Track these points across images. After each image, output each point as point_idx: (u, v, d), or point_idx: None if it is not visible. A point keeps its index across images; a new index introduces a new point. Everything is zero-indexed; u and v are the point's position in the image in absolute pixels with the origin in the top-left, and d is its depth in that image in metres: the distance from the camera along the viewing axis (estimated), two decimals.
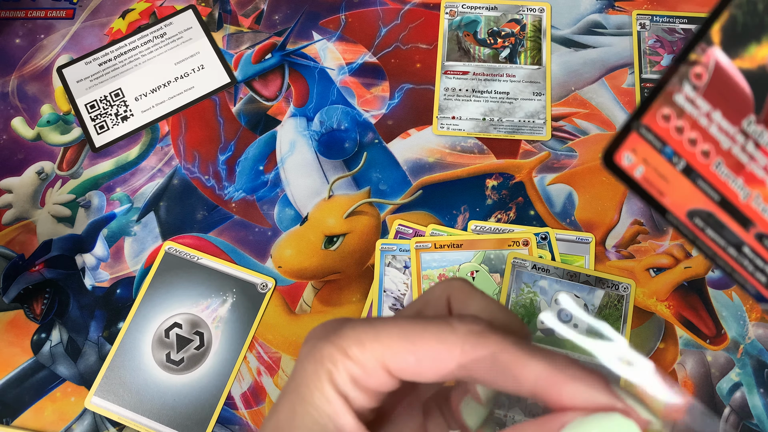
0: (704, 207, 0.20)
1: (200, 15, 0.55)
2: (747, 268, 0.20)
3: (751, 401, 0.43)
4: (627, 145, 0.19)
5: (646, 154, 0.19)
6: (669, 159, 0.19)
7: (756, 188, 0.20)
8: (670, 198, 0.20)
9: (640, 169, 0.19)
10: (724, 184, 0.19)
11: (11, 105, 0.53)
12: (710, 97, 0.19)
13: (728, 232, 0.20)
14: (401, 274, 0.46)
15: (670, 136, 0.19)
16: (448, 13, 0.54)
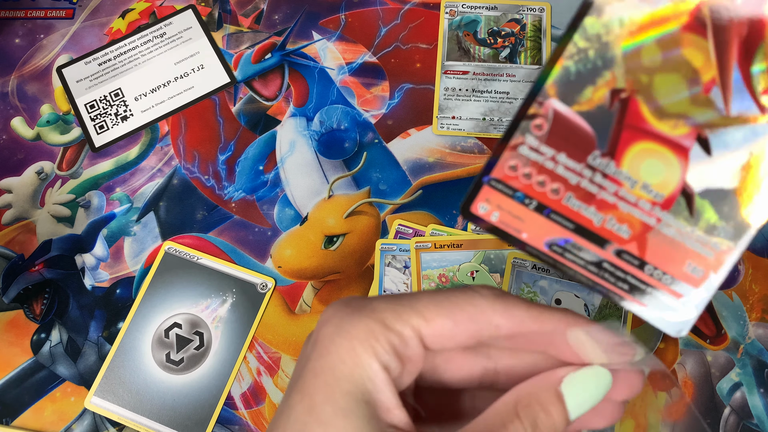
0: (561, 236, 0.22)
1: (200, 15, 0.55)
2: (609, 280, 0.22)
3: (751, 401, 0.43)
4: (480, 197, 0.22)
5: (499, 201, 0.22)
6: (521, 201, 0.22)
7: (609, 212, 0.21)
8: (528, 233, 0.22)
9: (496, 214, 0.22)
10: (577, 214, 0.21)
11: (11, 105, 0.53)
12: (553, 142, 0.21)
13: (587, 253, 0.22)
14: (401, 274, 0.46)
15: (519, 182, 0.22)
16: (448, 13, 0.54)
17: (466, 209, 0.22)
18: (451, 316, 0.21)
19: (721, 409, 0.43)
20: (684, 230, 0.21)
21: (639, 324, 0.45)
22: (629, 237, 0.22)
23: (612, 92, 0.21)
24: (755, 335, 0.45)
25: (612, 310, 0.44)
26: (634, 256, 0.22)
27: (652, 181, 0.21)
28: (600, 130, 0.21)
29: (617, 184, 0.21)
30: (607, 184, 0.21)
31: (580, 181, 0.21)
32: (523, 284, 0.44)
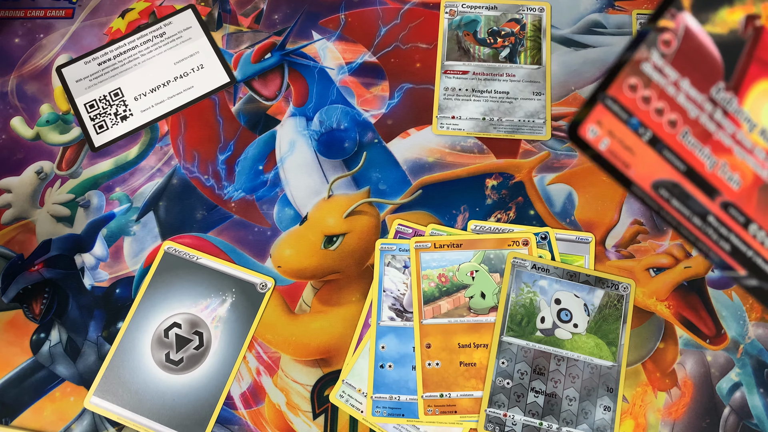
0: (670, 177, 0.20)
1: (200, 14, 0.55)
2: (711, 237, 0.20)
3: (750, 401, 0.43)
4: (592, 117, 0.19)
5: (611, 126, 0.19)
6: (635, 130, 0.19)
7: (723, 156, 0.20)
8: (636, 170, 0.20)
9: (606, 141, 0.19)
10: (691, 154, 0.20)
11: (10, 104, 0.53)
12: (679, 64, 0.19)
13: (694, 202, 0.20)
14: (401, 273, 0.46)
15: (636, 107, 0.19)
16: (448, 13, 0.54)
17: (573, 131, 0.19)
18: None
19: (721, 408, 0.43)
20: None
21: (639, 324, 0.45)
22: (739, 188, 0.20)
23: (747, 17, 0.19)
24: (755, 335, 0.45)
25: (612, 309, 0.44)
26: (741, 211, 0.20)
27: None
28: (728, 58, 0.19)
29: (736, 125, 0.20)
30: (726, 124, 0.20)
31: (700, 116, 0.20)
32: (522, 284, 0.44)
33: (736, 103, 0.20)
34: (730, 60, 0.19)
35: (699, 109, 0.20)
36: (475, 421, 0.42)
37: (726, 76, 0.19)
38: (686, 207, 0.20)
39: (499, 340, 0.43)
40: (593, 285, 0.44)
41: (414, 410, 0.43)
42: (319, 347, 0.45)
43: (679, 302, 0.45)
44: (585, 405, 0.42)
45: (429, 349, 0.43)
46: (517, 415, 0.42)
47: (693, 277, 0.46)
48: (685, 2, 0.19)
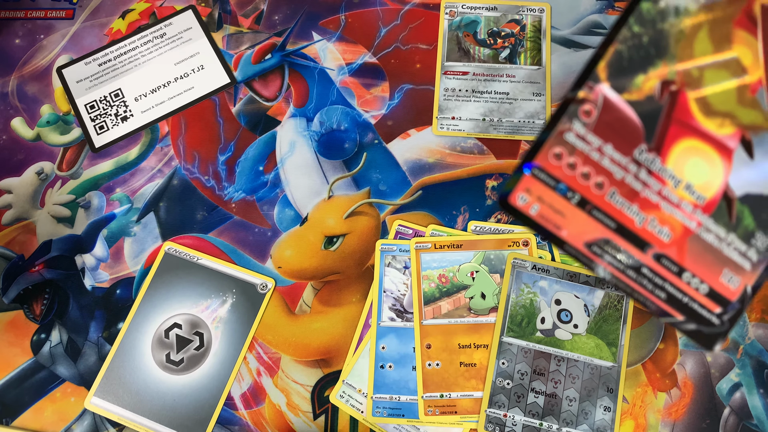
0: (601, 236, 0.21)
1: (200, 15, 0.55)
2: (647, 287, 0.21)
3: (750, 402, 0.43)
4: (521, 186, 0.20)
5: (540, 192, 0.20)
6: (563, 195, 0.21)
7: (651, 212, 0.21)
8: (568, 230, 0.21)
9: (536, 207, 0.21)
10: (620, 212, 0.21)
11: (11, 105, 0.53)
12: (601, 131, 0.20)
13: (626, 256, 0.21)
14: (401, 274, 0.46)
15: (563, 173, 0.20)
16: (448, 14, 0.54)
17: (504, 200, 0.21)
18: None
19: (721, 409, 0.43)
20: (723, 236, 0.21)
21: (639, 324, 0.45)
22: (669, 241, 0.21)
23: (663, 83, 0.20)
24: (755, 336, 0.45)
25: (612, 310, 0.44)
26: (673, 261, 0.21)
27: (695, 182, 0.21)
28: (648, 122, 0.20)
29: (661, 183, 0.21)
30: (652, 182, 0.21)
31: (625, 177, 0.21)
32: (523, 285, 0.44)
33: (659, 162, 0.21)
34: (650, 123, 0.20)
35: (624, 171, 0.21)
36: (475, 422, 0.42)
37: (647, 139, 0.20)
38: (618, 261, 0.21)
39: (500, 340, 0.43)
40: (593, 286, 0.44)
41: (414, 410, 0.43)
42: (319, 348, 0.45)
43: None
44: (585, 405, 0.42)
45: (429, 349, 0.43)
46: (517, 415, 0.42)
47: None
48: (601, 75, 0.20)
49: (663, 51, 0.20)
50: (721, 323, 0.21)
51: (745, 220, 0.21)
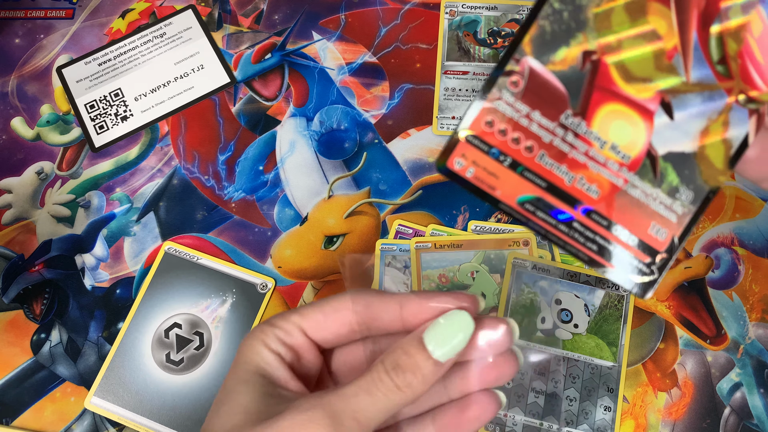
0: (533, 194, 0.22)
1: (200, 15, 0.55)
2: (578, 240, 0.23)
3: (751, 401, 0.43)
4: (456, 152, 0.22)
5: (474, 156, 0.22)
6: (496, 158, 0.22)
7: (579, 172, 0.22)
8: (502, 190, 0.22)
9: (471, 170, 0.22)
10: (549, 172, 0.22)
11: (11, 105, 0.53)
12: (528, 99, 0.22)
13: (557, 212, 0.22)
14: (401, 274, 0.46)
15: (495, 138, 0.22)
16: (448, 13, 0.54)
17: (441, 164, 0.22)
18: (321, 310, 0.27)
19: (721, 409, 0.43)
20: (649, 192, 0.23)
21: (639, 324, 0.45)
22: (598, 197, 0.22)
23: (584, 53, 0.22)
24: (755, 335, 0.45)
25: (612, 310, 0.44)
26: (602, 216, 0.23)
27: (620, 142, 0.22)
28: (572, 89, 0.22)
29: (588, 144, 0.22)
30: (578, 144, 0.22)
31: (553, 140, 0.22)
32: (523, 284, 0.44)
33: (584, 125, 0.22)
34: (575, 90, 0.22)
35: (552, 134, 0.22)
36: None
37: (572, 105, 0.22)
38: (551, 217, 0.23)
39: None
40: (594, 285, 0.44)
41: None
42: None
43: (679, 302, 0.45)
44: (585, 405, 0.42)
45: None
46: (517, 415, 0.42)
47: (693, 277, 0.46)
48: (527, 49, 0.22)
49: (583, 24, 0.22)
50: (651, 272, 0.23)
51: (668, 176, 0.23)
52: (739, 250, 0.47)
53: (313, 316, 0.27)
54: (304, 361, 0.28)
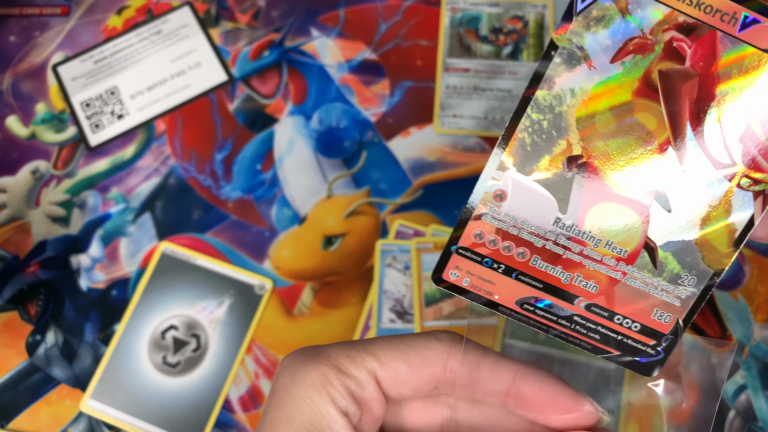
0: (530, 294, 0.22)
1: (197, 12, 0.54)
2: (580, 332, 0.23)
3: (756, 404, 0.43)
4: (450, 265, 0.22)
5: (468, 267, 0.22)
6: (489, 266, 0.22)
7: (575, 270, 0.22)
8: (499, 294, 0.22)
9: (467, 280, 0.22)
10: (545, 273, 0.22)
11: (5, 103, 0.52)
12: (515, 210, 0.22)
13: (557, 309, 0.23)
14: (401, 275, 0.45)
15: (486, 248, 0.22)
16: (450, 10, 0.53)
17: (437, 277, 0.23)
18: (406, 359, 0.21)
19: (726, 411, 0.43)
20: (649, 281, 0.22)
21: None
22: (597, 291, 0.22)
23: (568, 159, 0.22)
24: (760, 337, 0.44)
25: None
26: (603, 308, 0.22)
27: (615, 239, 0.22)
28: (560, 194, 0.22)
29: (581, 244, 0.22)
30: (572, 245, 0.22)
31: (545, 244, 0.22)
32: None
33: (576, 228, 0.22)
34: (563, 195, 0.22)
35: (543, 239, 0.22)
36: None
37: (562, 210, 0.22)
38: (550, 314, 0.23)
39: (502, 342, 0.43)
40: None
41: None
42: None
43: None
44: None
45: None
46: None
47: None
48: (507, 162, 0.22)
49: (565, 130, 0.21)
50: (657, 353, 0.23)
51: (669, 265, 0.22)
52: (744, 250, 0.46)
53: (395, 366, 0.21)
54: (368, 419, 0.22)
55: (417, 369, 0.21)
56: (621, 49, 0.21)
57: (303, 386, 0.20)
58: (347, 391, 0.20)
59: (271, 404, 0.20)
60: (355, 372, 0.21)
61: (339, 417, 0.20)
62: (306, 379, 0.20)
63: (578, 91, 0.21)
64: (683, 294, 0.23)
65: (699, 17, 0.20)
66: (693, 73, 0.21)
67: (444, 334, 0.22)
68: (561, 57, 0.21)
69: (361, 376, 0.21)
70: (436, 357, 0.22)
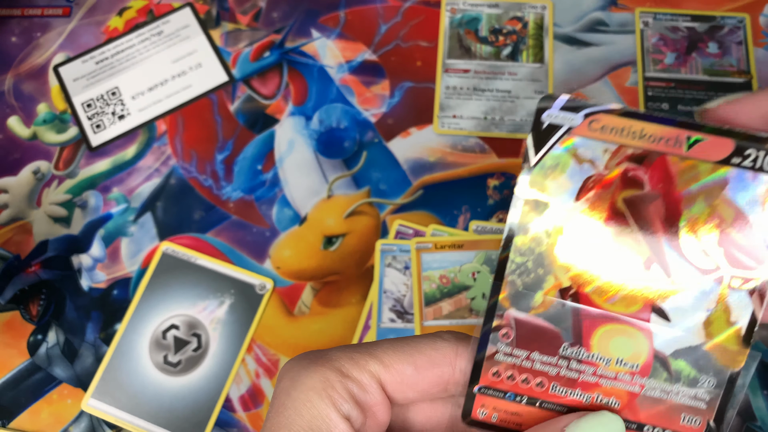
0: None
1: (198, 12, 0.54)
2: None
3: (754, 403, 0.43)
4: (476, 405, 0.23)
5: (493, 403, 0.23)
6: (513, 400, 0.23)
7: (594, 391, 0.23)
8: (526, 424, 0.23)
9: (495, 416, 0.24)
10: (566, 398, 0.23)
11: (7, 104, 0.52)
12: (523, 344, 0.23)
13: None
14: (401, 275, 0.45)
15: (505, 384, 0.23)
16: (449, 11, 0.54)
17: (466, 418, 0.23)
18: (412, 360, 0.21)
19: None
20: (669, 389, 0.23)
21: None
22: (620, 407, 0.23)
23: (560, 292, 0.23)
24: (759, 337, 0.44)
25: None
26: (630, 421, 0.23)
27: (624, 356, 0.23)
28: (562, 324, 0.23)
29: (593, 365, 0.23)
30: (584, 368, 0.23)
31: (560, 371, 0.23)
32: None
33: (584, 351, 0.23)
34: (564, 324, 0.23)
35: (556, 367, 0.23)
36: None
37: (566, 338, 0.23)
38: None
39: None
40: None
41: None
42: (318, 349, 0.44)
43: None
44: None
45: None
46: None
47: None
48: (505, 304, 0.23)
49: (549, 267, 0.23)
50: None
51: (684, 371, 0.23)
52: None
53: (400, 368, 0.21)
54: (372, 423, 0.21)
55: (423, 371, 0.21)
56: (582, 188, 0.22)
57: (303, 389, 0.20)
58: (349, 394, 0.20)
59: (272, 409, 0.20)
60: (358, 375, 0.20)
61: (340, 421, 0.19)
62: (307, 382, 0.20)
63: (553, 231, 0.23)
64: (706, 396, 0.23)
65: (646, 147, 0.22)
66: (655, 195, 0.22)
67: (449, 334, 0.22)
68: (529, 205, 0.23)
69: (364, 380, 0.20)
70: (442, 358, 0.21)
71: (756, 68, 0.51)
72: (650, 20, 0.53)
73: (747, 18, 0.52)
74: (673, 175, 0.22)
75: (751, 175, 0.22)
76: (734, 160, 0.22)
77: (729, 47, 0.51)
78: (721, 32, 0.52)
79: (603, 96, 0.51)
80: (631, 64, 0.51)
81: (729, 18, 0.52)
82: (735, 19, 0.52)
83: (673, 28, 0.52)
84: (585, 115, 0.22)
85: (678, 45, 0.52)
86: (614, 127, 0.22)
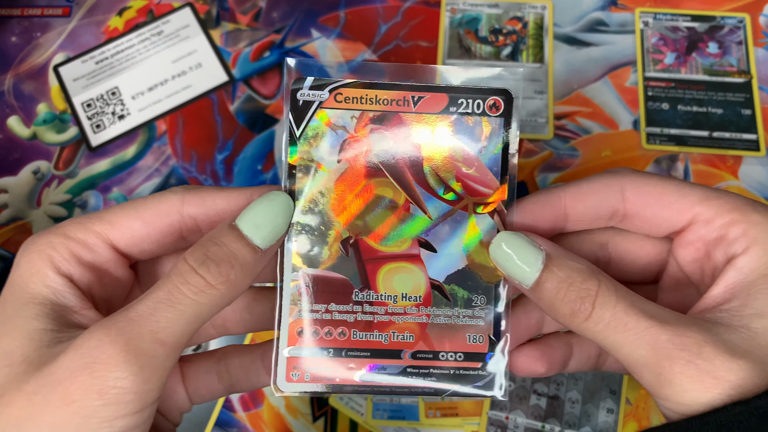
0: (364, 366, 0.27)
1: (198, 12, 0.54)
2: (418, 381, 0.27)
3: None
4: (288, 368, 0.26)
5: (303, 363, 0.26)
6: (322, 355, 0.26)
7: (389, 329, 0.26)
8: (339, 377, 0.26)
9: (308, 375, 0.26)
10: (367, 342, 0.26)
11: (7, 104, 0.52)
12: (320, 299, 0.26)
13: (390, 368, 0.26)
14: None
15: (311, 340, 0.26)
16: (449, 11, 0.54)
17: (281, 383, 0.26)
18: (138, 215, 0.23)
19: None
20: (450, 313, 0.27)
21: None
22: (414, 339, 0.27)
23: (342, 243, 0.26)
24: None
25: None
26: (425, 351, 0.27)
27: (407, 290, 0.27)
28: (349, 272, 0.26)
29: (383, 305, 0.26)
30: (376, 309, 0.26)
31: (356, 316, 0.26)
32: None
33: (373, 293, 0.26)
34: (351, 272, 0.26)
35: (353, 314, 0.26)
36: (476, 424, 0.42)
37: (355, 284, 0.26)
38: (388, 374, 0.26)
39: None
40: None
41: (415, 413, 0.42)
42: None
43: None
44: (588, 407, 0.42)
45: None
46: (519, 417, 0.41)
47: None
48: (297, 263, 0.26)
49: (330, 223, 0.26)
50: (487, 372, 0.27)
51: (459, 293, 0.27)
52: None
53: (128, 224, 0.22)
54: (108, 280, 0.23)
55: (152, 223, 0.23)
56: (341, 150, 0.26)
57: (27, 253, 0.21)
58: (71, 254, 0.21)
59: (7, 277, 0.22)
60: (84, 236, 0.22)
61: (57, 278, 0.21)
62: (31, 246, 0.22)
63: (325, 190, 0.26)
64: (482, 313, 0.27)
65: (382, 109, 0.26)
66: (399, 147, 0.26)
67: (179, 188, 0.24)
68: (301, 172, 0.26)
69: (90, 240, 0.22)
70: (169, 208, 0.23)
71: (756, 68, 0.51)
72: (650, 20, 0.53)
73: (747, 18, 0.52)
74: (409, 128, 0.26)
75: (468, 119, 0.26)
76: (452, 108, 0.26)
77: (729, 47, 0.51)
78: (721, 32, 0.52)
79: (603, 96, 0.51)
80: (631, 64, 0.51)
81: (729, 18, 0.52)
82: (735, 19, 0.52)
83: (673, 28, 0.52)
84: (330, 90, 0.26)
85: (678, 45, 0.52)
86: (355, 96, 0.26)
